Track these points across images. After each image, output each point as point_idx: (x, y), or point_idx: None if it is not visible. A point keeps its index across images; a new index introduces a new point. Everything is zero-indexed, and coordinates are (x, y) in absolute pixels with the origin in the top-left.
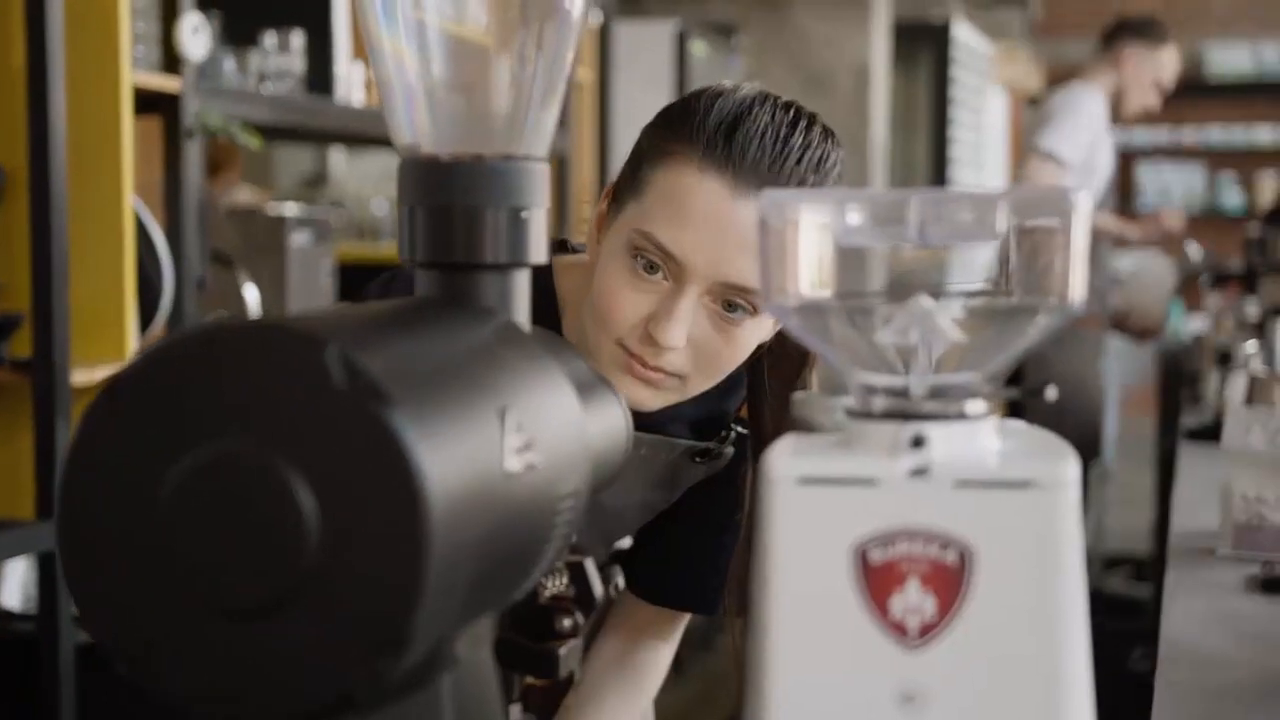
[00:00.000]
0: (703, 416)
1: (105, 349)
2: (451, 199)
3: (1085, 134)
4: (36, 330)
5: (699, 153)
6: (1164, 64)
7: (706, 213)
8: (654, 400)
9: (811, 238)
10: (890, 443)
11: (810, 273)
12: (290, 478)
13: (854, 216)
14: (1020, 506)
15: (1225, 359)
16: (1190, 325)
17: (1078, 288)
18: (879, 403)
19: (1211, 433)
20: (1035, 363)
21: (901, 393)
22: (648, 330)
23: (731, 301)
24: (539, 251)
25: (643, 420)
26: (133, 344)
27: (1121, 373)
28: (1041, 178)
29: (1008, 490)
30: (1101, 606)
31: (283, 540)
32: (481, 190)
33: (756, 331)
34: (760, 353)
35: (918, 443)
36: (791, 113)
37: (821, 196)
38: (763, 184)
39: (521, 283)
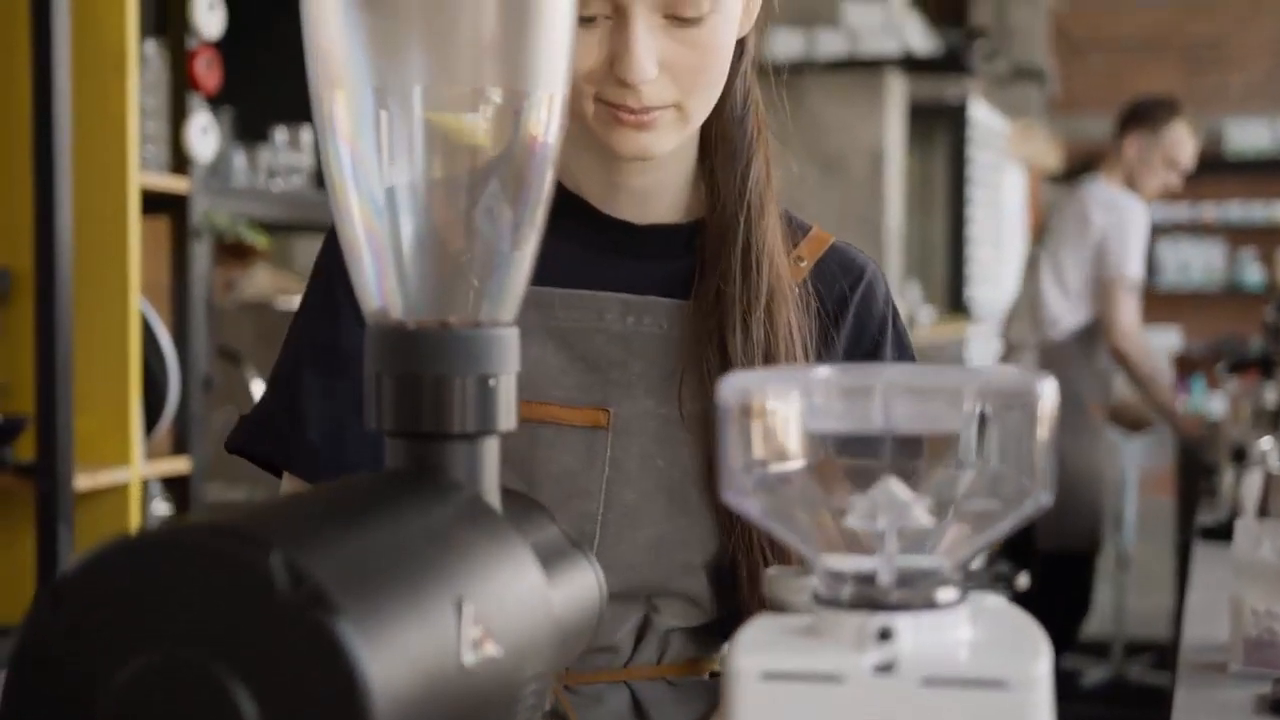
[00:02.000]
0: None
1: (110, 454)
2: (418, 367)
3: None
4: (40, 434)
5: None
6: (1173, 143)
7: None
8: (659, 143)
9: (775, 421)
10: (856, 634)
11: (774, 456)
12: (233, 687)
13: (819, 399)
14: (990, 707)
15: (1240, 455)
16: (1211, 404)
17: (1045, 479)
18: (846, 591)
19: (1226, 531)
20: None
21: (869, 579)
22: (616, 75)
23: (682, 16)
24: (509, 419)
25: (634, 280)
26: (138, 447)
27: (1142, 454)
28: (1131, 304)
29: (977, 689)
30: (1121, 696)
31: None
32: (448, 358)
33: (726, 25)
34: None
35: (885, 635)
36: None
37: (786, 379)
38: None
39: (490, 452)
